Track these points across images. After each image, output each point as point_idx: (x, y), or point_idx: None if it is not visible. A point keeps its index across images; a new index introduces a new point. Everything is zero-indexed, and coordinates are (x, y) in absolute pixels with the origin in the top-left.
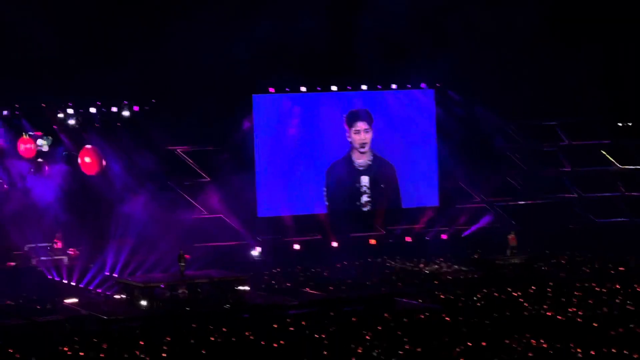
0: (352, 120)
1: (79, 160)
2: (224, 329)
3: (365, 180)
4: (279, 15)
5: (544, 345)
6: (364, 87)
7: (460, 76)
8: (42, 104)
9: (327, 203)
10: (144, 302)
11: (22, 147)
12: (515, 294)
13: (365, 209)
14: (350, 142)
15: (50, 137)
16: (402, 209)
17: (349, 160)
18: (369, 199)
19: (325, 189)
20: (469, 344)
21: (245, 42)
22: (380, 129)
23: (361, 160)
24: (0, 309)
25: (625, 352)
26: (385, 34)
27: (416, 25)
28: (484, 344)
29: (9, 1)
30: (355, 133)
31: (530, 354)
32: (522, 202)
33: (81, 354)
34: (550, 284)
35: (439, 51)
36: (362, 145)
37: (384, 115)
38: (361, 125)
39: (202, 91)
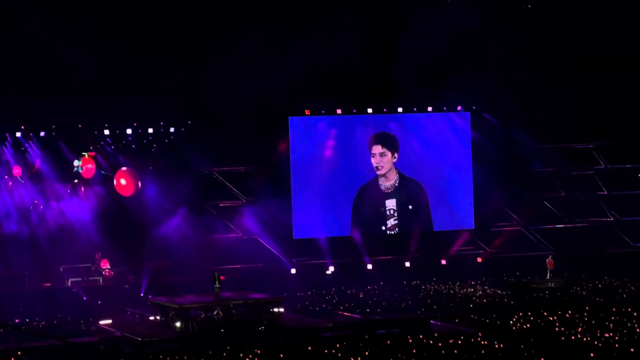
0: (369, 144)
1: (115, 182)
2: (257, 351)
3: (391, 203)
4: (315, 38)
5: None
6: (399, 109)
7: (496, 99)
8: (79, 125)
9: (350, 226)
10: (178, 324)
11: (83, 167)
12: (552, 318)
13: (391, 232)
14: None
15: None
16: (435, 231)
17: (375, 184)
18: (395, 222)
19: (351, 213)
20: None
21: (282, 65)
22: (416, 151)
23: (387, 183)
24: (34, 329)
25: None
26: (422, 56)
27: (453, 48)
28: None
29: (46, 23)
30: (372, 157)
31: None
32: (559, 226)
33: None
34: (587, 308)
35: (476, 74)
36: (377, 168)
37: (420, 138)
38: (375, 149)
39: (238, 113)
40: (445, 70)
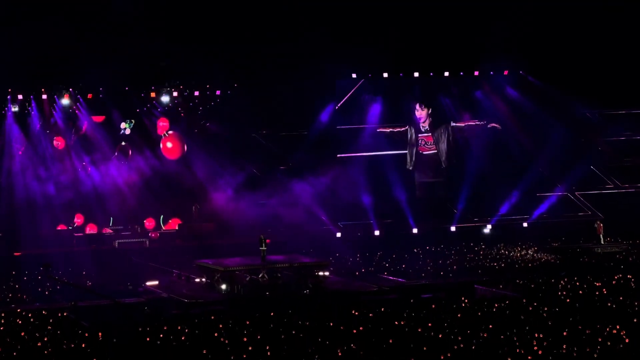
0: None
1: (161, 145)
2: (303, 314)
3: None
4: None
5: (626, 338)
6: (446, 73)
7: (543, 63)
8: (126, 88)
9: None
10: (224, 286)
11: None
12: (598, 284)
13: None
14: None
15: (132, 121)
16: (479, 196)
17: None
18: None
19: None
20: (550, 333)
21: (328, 28)
22: (460, 110)
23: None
24: (81, 289)
25: None
26: (467, 18)
27: (499, 9)
28: (565, 333)
29: None
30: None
31: (609, 344)
32: (606, 192)
33: (161, 335)
34: (629, 276)
35: (523, 37)
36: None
37: (465, 101)
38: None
39: (285, 75)
40: (493, 32)
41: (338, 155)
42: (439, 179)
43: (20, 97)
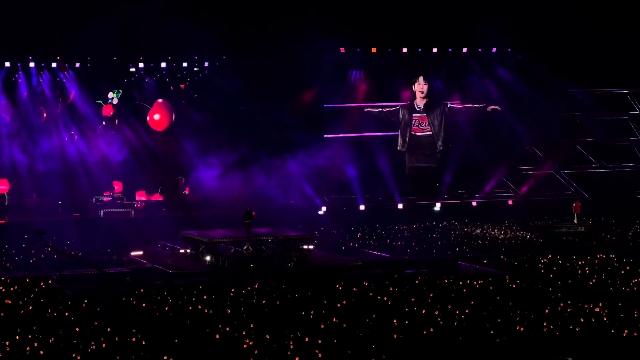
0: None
1: (148, 116)
2: (286, 287)
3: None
4: None
5: (604, 316)
6: (434, 49)
7: (531, 41)
8: (114, 57)
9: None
10: (208, 258)
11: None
12: (580, 262)
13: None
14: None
15: (120, 90)
16: (467, 174)
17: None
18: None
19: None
20: (531, 310)
21: (317, 2)
22: (450, 91)
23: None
24: (68, 258)
25: None
26: None
27: None
28: (547, 310)
29: None
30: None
31: (593, 320)
32: (591, 170)
33: (144, 305)
34: (611, 255)
35: (509, 16)
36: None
37: (453, 78)
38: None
39: (273, 49)
40: (482, 11)
41: (325, 136)
42: (432, 164)
43: (7, 64)
